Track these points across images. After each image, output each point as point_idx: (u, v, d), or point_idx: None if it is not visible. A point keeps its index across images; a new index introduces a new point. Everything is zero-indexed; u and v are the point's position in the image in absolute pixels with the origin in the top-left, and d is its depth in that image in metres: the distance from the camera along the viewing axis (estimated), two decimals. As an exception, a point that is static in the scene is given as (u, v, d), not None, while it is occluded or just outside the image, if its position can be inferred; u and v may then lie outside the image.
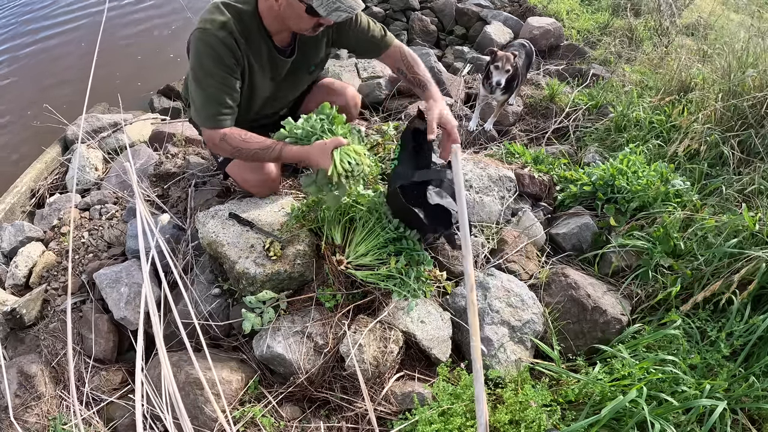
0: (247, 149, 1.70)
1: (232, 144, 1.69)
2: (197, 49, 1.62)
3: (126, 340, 1.90)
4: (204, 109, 1.68)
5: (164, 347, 0.85)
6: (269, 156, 1.71)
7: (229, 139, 1.69)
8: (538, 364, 1.65)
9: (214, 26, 1.59)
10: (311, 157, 1.66)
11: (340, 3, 1.54)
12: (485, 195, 2.18)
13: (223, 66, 1.63)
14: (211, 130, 1.70)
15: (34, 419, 1.68)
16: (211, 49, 1.60)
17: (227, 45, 1.60)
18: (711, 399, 1.40)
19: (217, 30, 1.59)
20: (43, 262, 2.12)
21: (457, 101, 3.33)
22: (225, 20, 1.60)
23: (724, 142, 2.39)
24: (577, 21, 4.68)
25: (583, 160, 2.67)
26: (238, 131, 1.71)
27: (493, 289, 1.81)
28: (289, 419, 1.59)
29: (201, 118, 1.71)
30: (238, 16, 1.64)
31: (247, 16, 1.65)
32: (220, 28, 1.59)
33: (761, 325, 1.55)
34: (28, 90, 4.32)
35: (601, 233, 2.12)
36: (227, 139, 1.69)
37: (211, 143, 1.75)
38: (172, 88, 4.14)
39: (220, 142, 1.70)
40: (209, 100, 1.66)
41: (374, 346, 1.61)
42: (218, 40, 1.59)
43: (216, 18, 1.60)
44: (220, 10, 1.62)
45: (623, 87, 3.34)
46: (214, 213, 1.92)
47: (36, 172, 2.77)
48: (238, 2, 1.65)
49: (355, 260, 1.73)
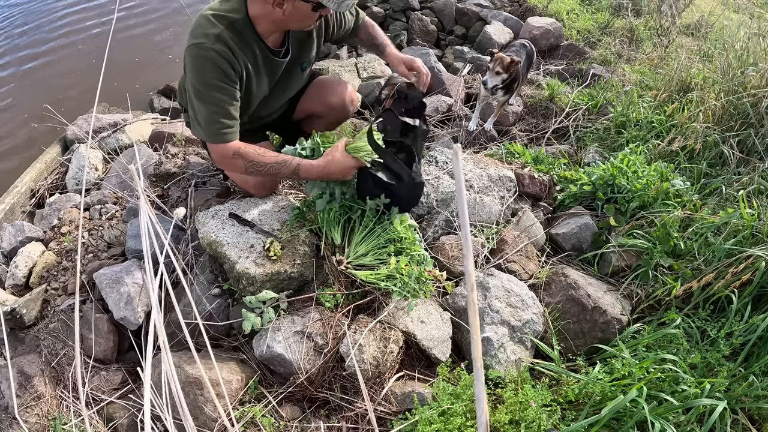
0: (263, 163, 1.69)
1: (248, 158, 1.68)
2: (196, 66, 1.60)
3: (126, 340, 1.90)
4: (209, 125, 1.66)
5: (168, 347, 0.84)
6: (285, 171, 1.72)
7: (245, 154, 1.67)
8: (538, 364, 1.65)
9: (209, 40, 1.56)
10: (332, 172, 1.72)
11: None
12: (485, 195, 2.18)
13: (224, 79, 1.61)
14: (220, 146, 1.68)
15: (34, 419, 1.68)
16: (209, 63, 1.58)
17: (225, 57, 1.58)
18: (711, 399, 1.40)
19: (212, 44, 1.56)
20: (43, 262, 2.12)
21: (457, 101, 3.34)
22: (218, 32, 1.58)
23: (724, 141, 2.39)
24: (577, 21, 4.68)
25: (583, 160, 2.67)
26: (252, 146, 1.70)
27: (493, 289, 1.81)
28: (289, 419, 1.59)
29: (207, 134, 1.68)
30: (231, 26, 1.61)
31: (239, 25, 1.63)
32: (215, 41, 1.57)
33: (761, 325, 1.56)
34: (28, 90, 4.33)
35: (601, 233, 2.12)
36: (242, 153, 1.67)
37: (221, 159, 1.73)
38: (172, 88, 4.14)
39: (234, 158, 1.68)
40: (214, 114, 1.64)
41: (374, 346, 1.61)
42: (215, 54, 1.57)
43: (209, 32, 1.58)
44: (211, 22, 1.59)
45: (623, 87, 3.34)
46: (214, 213, 1.92)
47: (36, 172, 2.77)
48: (228, 12, 1.62)
49: (355, 260, 1.73)
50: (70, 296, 1.99)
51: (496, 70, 2.68)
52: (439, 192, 2.14)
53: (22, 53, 4.83)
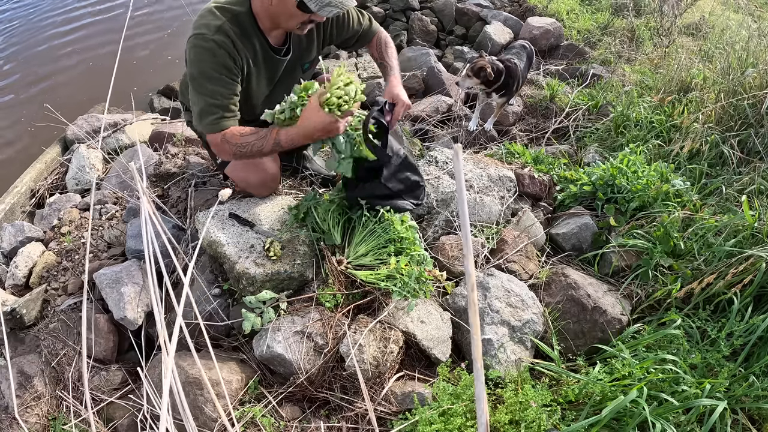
0: (245, 143, 1.66)
1: (231, 141, 1.66)
2: (195, 55, 1.60)
3: (126, 340, 1.90)
4: (205, 115, 1.65)
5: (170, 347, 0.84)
6: (268, 144, 1.67)
7: (229, 138, 1.66)
8: (538, 364, 1.65)
9: (210, 31, 1.57)
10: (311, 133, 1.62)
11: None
12: (485, 195, 2.18)
13: (223, 70, 1.61)
14: (213, 135, 1.68)
15: (34, 419, 1.68)
16: (209, 53, 1.58)
17: (225, 48, 1.58)
18: (711, 399, 1.40)
19: (213, 34, 1.57)
20: (43, 263, 2.12)
21: (457, 101, 3.33)
22: (220, 24, 1.58)
23: (724, 141, 2.39)
24: (577, 21, 4.68)
25: (583, 160, 2.67)
26: (235, 128, 1.68)
27: (493, 289, 1.81)
28: (289, 419, 1.59)
29: (203, 124, 1.67)
30: (234, 19, 1.62)
31: (242, 18, 1.64)
32: (216, 32, 1.57)
33: (761, 325, 1.55)
34: (29, 90, 4.33)
35: (601, 233, 2.12)
36: (227, 138, 1.66)
37: (215, 147, 1.73)
38: (172, 88, 4.15)
39: (222, 143, 1.68)
40: (210, 105, 1.64)
41: (374, 346, 1.61)
42: (216, 45, 1.57)
43: (211, 22, 1.58)
44: (214, 14, 1.60)
45: (623, 87, 3.34)
46: (214, 213, 1.92)
47: (36, 172, 2.77)
48: (232, 4, 1.63)
49: (355, 260, 1.73)
50: (70, 296, 1.99)
51: (467, 73, 2.75)
52: (439, 192, 2.14)
53: (23, 54, 4.83)
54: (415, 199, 1.94)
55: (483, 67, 2.68)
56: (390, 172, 1.82)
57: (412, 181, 1.91)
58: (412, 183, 1.92)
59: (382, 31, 2.03)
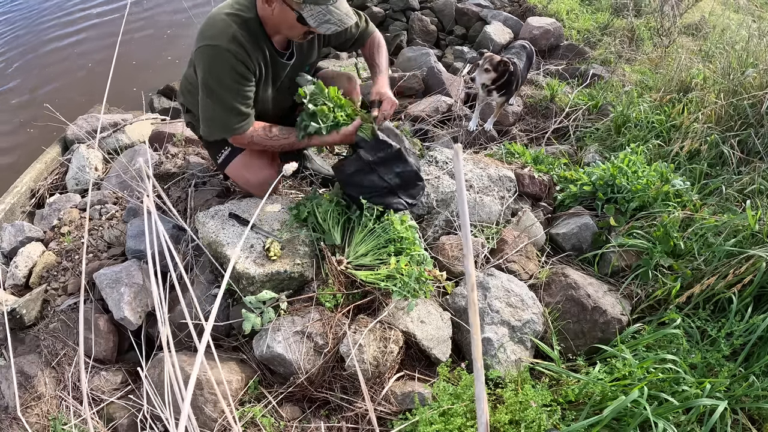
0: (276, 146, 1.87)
1: (261, 144, 1.83)
2: (211, 66, 1.63)
3: (126, 340, 1.90)
4: (223, 121, 1.72)
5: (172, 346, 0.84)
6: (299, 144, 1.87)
7: (257, 140, 1.81)
8: (538, 364, 1.65)
9: (223, 41, 1.60)
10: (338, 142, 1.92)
11: (330, 16, 1.58)
12: (485, 195, 2.18)
13: (241, 80, 1.66)
14: (237, 137, 1.78)
15: (34, 419, 1.68)
16: (227, 65, 1.62)
17: (240, 59, 1.62)
18: (711, 399, 1.40)
19: (228, 44, 1.60)
20: (43, 263, 2.12)
21: (457, 101, 3.33)
22: (233, 32, 1.61)
23: (724, 141, 2.39)
24: (577, 21, 4.68)
25: (583, 160, 2.67)
26: (262, 131, 1.81)
27: (493, 289, 1.81)
28: (289, 419, 1.59)
29: (222, 129, 1.75)
30: (244, 25, 1.64)
31: (251, 23, 1.66)
32: (230, 41, 1.60)
33: (761, 325, 1.55)
34: (29, 90, 4.33)
35: (601, 233, 2.12)
36: (255, 140, 1.81)
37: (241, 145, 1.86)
38: (172, 88, 4.14)
39: (249, 144, 1.84)
40: (229, 112, 1.70)
41: (374, 346, 1.61)
42: (231, 56, 1.60)
43: (224, 31, 1.61)
44: (225, 21, 1.62)
45: (623, 87, 3.34)
46: (214, 213, 1.92)
47: (36, 172, 2.76)
48: (240, 10, 1.65)
49: (355, 260, 1.73)
50: (70, 296, 1.99)
51: (485, 67, 2.74)
52: (439, 192, 2.14)
53: (23, 54, 4.83)
54: (410, 198, 1.94)
55: (503, 61, 2.71)
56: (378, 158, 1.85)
57: (408, 176, 1.91)
58: (408, 177, 1.91)
59: (376, 32, 2.08)
